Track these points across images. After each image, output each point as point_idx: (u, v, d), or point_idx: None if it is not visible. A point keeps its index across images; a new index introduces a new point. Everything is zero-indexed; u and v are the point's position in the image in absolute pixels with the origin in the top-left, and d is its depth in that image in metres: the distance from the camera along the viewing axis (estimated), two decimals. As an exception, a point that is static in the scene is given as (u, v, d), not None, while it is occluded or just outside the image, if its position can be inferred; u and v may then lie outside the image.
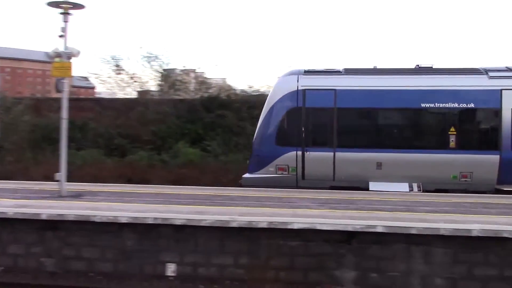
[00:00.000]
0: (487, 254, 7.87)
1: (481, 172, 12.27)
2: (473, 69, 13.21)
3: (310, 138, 12.74)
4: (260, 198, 10.50)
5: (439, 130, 12.60)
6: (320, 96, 12.76)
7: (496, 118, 12.42)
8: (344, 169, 12.52)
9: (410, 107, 12.67)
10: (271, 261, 8.24)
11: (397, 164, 12.46)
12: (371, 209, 9.24)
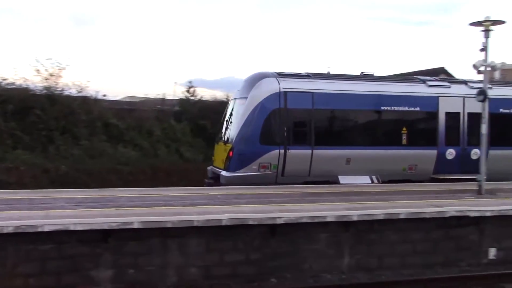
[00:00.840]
0: (235, 241, 9.09)
1: (422, 164, 14.90)
2: (415, 78, 16.16)
3: (291, 137, 13.76)
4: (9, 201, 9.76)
5: (394, 130, 14.74)
6: (300, 98, 13.93)
7: (434, 119, 15.13)
8: (319, 165, 13.82)
9: (372, 109, 14.77)
10: (18, 268, 7.84)
11: (362, 160, 14.31)
12: (130, 206, 9.59)
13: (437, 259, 10.26)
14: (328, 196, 11.86)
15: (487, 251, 10.57)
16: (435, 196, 12.17)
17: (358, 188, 13.44)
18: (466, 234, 10.46)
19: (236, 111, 14.57)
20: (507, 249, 10.68)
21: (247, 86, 14.58)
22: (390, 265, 9.98)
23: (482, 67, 12.38)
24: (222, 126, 15.50)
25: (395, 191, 13.01)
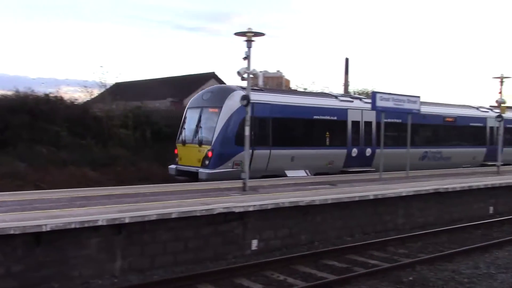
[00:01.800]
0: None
1: (337, 161, 20.60)
2: (330, 94, 23.47)
3: (257, 140, 17.63)
4: None
5: (321, 134, 19.81)
6: (262, 108, 18.03)
7: (345, 126, 20.88)
8: (274, 162, 18.34)
9: (308, 118, 19.83)
10: None
11: (301, 157, 19.22)
12: None
13: (207, 254, 11.33)
14: (100, 199, 11.97)
15: (250, 243, 12.09)
16: (205, 194, 13.36)
17: (132, 189, 13.98)
18: (232, 228, 11.80)
19: (208, 118, 18.17)
20: (267, 239, 12.41)
21: (218, 98, 18.26)
22: (162, 264, 10.65)
23: (245, 74, 14.02)
24: (185, 130, 19.01)
25: (168, 191, 13.84)
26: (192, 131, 18.56)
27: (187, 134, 18.81)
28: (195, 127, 18.42)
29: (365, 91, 37.75)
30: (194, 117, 18.79)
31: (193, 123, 18.69)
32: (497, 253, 12.57)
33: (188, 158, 18.13)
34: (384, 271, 10.65)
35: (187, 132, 18.87)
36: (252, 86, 16.96)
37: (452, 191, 16.87)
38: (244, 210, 11.83)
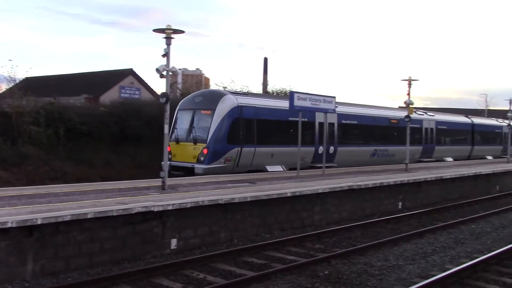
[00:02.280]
0: None
1: (307, 157, 22.69)
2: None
3: (244, 139, 19.61)
4: None
5: (295, 134, 19.88)
6: (248, 110, 19.91)
7: (313, 127, 23.09)
8: (257, 159, 20.21)
9: (285, 119, 21.59)
10: None
11: (279, 154, 21.30)
12: None
13: (124, 255, 11.08)
14: (9, 200, 11.38)
15: (170, 242, 11.98)
16: (122, 194, 13.06)
17: (44, 189, 13.44)
18: (150, 228, 11.62)
19: (202, 119, 19.98)
20: (186, 238, 12.35)
21: (211, 101, 19.95)
22: (78, 266, 10.28)
23: (164, 72, 13.85)
24: (177, 130, 20.58)
25: (82, 191, 13.39)
26: (185, 130, 20.34)
27: (180, 133, 20.51)
28: (189, 127, 20.21)
29: (283, 91, 38.45)
30: (186, 118, 20.61)
31: (185, 124, 20.50)
32: (405, 245, 13.32)
33: (183, 155, 19.77)
34: (301, 266, 10.95)
35: (180, 132, 20.58)
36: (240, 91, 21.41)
37: (365, 188, 17.66)
38: (163, 209, 11.69)
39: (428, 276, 10.28)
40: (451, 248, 13.27)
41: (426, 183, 21.07)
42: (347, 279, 10.24)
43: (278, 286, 9.74)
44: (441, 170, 25.01)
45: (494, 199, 23.44)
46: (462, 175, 23.67)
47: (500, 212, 19.16)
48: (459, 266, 10.83)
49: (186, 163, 19.34)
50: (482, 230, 15.73)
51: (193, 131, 19.91)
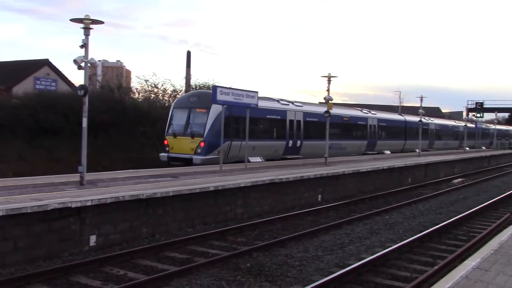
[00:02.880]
0: None
1: (280, 150, 26.49)
2: (273, 98, 27.72)
3: (233, 134, 22.75)
4: None
5: (270, 129, 25.66)
6: (236, 110, 22.18)
7: (284, 123, 26.90)
8: (243, 151, 22.13)
9: (263, 117, 25.16)
10: None
11: (258, 147, 24.32)
12: None
13: (40, 253, 10.62)
14: None
15: (89, 238, 11.61)
16: (37, 190, 12.49)
17: None
18: (68, 225, 11.21)
19: (198, 116, 22.94)
20: (106, 234, 12.03)
21: (206, 101, 22.10)
22: (-13, 266, 9.70)
23: (83, 63, 13.36)
24: (173, 125, 23.53)
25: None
26: (182, 126, 23.27)
27: (177, 129, 23.39)
28: (185, 123, 23.12)
29: (206, 85, 38.31)
30: (182, 116, 23.53)
31: (182, 120, 23.41)
32: (324, 237, 13.78)
33: (180, 147, 22.66)
34: (223, 260, 11.02)
35: (177, 127, 23.46)
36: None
37: (286, 181, 18.04)
38: (82, 205, 11.31)
39: (345, 265, 10.71)
40: (366, 238, 13.88)
41: (344, 176, 21.86)
42: (268, 271, 10.44)
43: (200, 280, 9.75)
44: (358, 163, 26.05)
45: (406, 191, 24.74)
46: (377, 168, 24.79)
47: (411, 203, 20.28)
48: (373, 255, 11.35)
49: (184, 155, 22.14)
50: (395, 220, 16.58)
51: (190, 126, 22.68)
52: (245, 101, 20.30)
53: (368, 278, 10.16)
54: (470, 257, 8.86)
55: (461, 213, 17.67)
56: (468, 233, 14.89)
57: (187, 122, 23.22)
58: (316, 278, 9.91)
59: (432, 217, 17.51)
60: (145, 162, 26.20)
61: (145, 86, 35.86)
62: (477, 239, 13.29)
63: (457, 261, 10.60)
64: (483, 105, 71.73)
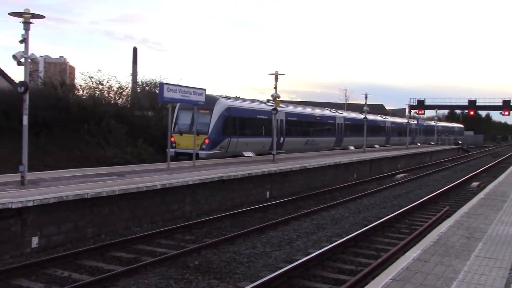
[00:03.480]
0: None
1: (267, 146, 29.14)
2: (262, 101, 32.02)
3: (232, 132, 26.66)
4: None
5: (259, 128, 29.27)
6: (235, 111, 27.04)
7: (270, 123, 27.43)
8: (239, 147, 27.21)
9: (253, 117, 28.99)
10: None
11: (251, 143, 28.45)
12: None
13: (-23, 257, 10.16)
14: None
15: (30, 240, 11.24)
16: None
17: None
18: (8, 226, 10.81)
19: (202, 117, 25.46)
20: (49, 235, 11.68)
21: (208, 103, 24.05)
22: None
23: (23, 59, 12.88)
24: (179, 125, 26.74)
25: None
26: (188, 125, 26.16)
27: (183, 127, 26.52)
28: (190, 123, 25.70)
29: (153, 82, 37.78)
30: (187, 116, 26.37)
31: (187, 120, 26.37)
32: (272, 233, 13.93)
33: (187, 144, 24.92)
34: (171, 258, 10.94)
35: (182, 126, 26.62)
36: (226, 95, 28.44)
37: (234, 178, 18.09)
38: (23, 205, 10.93)
39: (293, 261, 10.87)
40: (313, 233, 14.13)
41: (292, 173, 22.15)
42: (216, 268, 10.45)
43: (148, 279, 9.64)
44: (305, 160, 26.44)
45: (352, 186, 25.35)
46: (324, 164, 25.25)
47: (357, 198, 20.81)
48: (320, 250, 11.58)
49: (190, 150, 23.49)
50: (341, 215, 16.97)
51: (194, 125, 24.08)
52: (192, 99, 20.17)
53: (315, 272, 10.36)
54: (412, 249, 9.19)
55: (403, 207, 18.29)
56: (410, 226, 15.44)
57: (192, 122, 25.54)
58: (264, 274, 10.01)
59: (377, 211, 18.04)
60: (91, 161, 25.63)
61: (89, 83, 34.85)
62: (418, 232, 13.80)
63: (400, 253, 10.97)
64: (424, 103, 74.38)
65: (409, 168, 37.03)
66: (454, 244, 9.32)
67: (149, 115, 34.73)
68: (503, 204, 14.55)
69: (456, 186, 25.63)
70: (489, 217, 12.24)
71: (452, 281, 7.06)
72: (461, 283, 7.01)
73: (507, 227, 11.01)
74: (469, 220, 11.85)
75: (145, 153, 29.22)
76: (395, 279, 7.10)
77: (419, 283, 6.94)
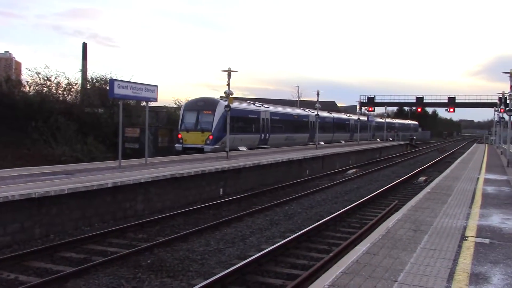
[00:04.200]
0: None
1: (255, 141, 34.80)
2: (252, 102, 38.39)
3: (231, 129, 27.79)
4: None
5: (250, 126, 34.22)
6: (232, 111, 27.36)
7: (259, 121, 35.34)
8: (235, 142, 31.46)
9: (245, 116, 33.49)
10: None
11: (244, 139, 33.01)
12: None
13: None
14: None
15: (-27, 242, 10.80)
16: None
17: None
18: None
19: (205, 116, 30.54)
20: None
21: (211, 105, 30.85)
22: None
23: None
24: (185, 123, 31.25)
25: None
26: (193, 124, 30.98)
27: (189, 126, 31.10)
28: (195, 121, 30.91)
29: (103, 78, 36.99)
30: (192, 116, 31.21)
31: (192, 119, 31.12)
32: (226, 230, 13.95)
33: (193, 140, 30.25)
34: (123, 258, 10.78)
35: (188, 125, 31.17)
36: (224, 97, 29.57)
37: (187, 176, 17.98)
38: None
39: (246, 257, 10.93)
40: (267, 229, 14.25)
41: (245, 169, 22.22)
42: (169, 266, 10.38)
43: (98, 279, 9.47)
44: (259, 157, 26.58)
45: (305, 182, 25.69)
46: (278, 161, 25.46)
47: (309, 194, 21.11)
48: (273, 245, 11.69)
49: (196, 145, 29.45)
50: (294, 211, 17.18)
51: (199, 124, 30.20)
52: (144, 95, 19.88)
53: (269, 268, 10.45)
54: (361, 242, 9.41)
55: (354, 202, 18.69)
56: (361, 220, 15.81)
57: (196, 121, 30.96)
58: (218, 271, 10.02)
59: (329, 206, 18.36)
60: (38, 160, 24.88)
61: (36, 79, 33.76)
62: (368, 226, 14.15)
63: (351, 247, 11.21)
64: (374, 100, 76.14)
65: (360, 164, 37.86)
66: (401, 237, 9.61)
67: (99, 112, 34.02)
68: (448, 197, 15.10)
69: (404, 181, 26.42)
70: (434, 210, 12.68)
71: (399, 273, 7.29)
72: (408, 274, 7.25)
73: (451, 220, 11.45)
74: (416, 213, 12.24)
75: (96, 150, 28.65)
76: (345, 272, 7.26)
77: (368, 275, 7.13)
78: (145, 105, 22.26)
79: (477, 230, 10.49)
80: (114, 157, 23.44)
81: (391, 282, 6.86)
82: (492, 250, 8.77)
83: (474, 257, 8.29)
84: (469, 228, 10.65)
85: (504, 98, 36.74)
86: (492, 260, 8.12)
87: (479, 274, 7.35)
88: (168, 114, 42.81)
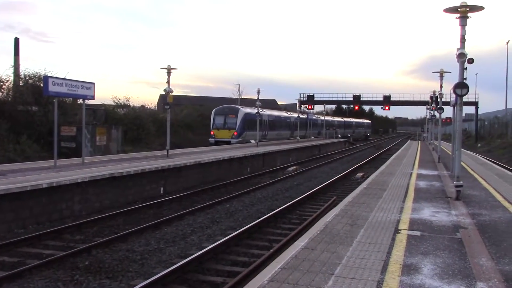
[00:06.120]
0: None
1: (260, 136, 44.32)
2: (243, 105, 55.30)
3: (247, 128, 44.88)
4: None
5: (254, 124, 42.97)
6: (248, 115, 44.83)
7: (261, 122, 45.50)
8: (249, 137, 45.14)
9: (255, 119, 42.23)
10: None
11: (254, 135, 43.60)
12: None
13: None
14: None
15: None
16: None
17: None
18: None
19: (231, 119, 44.28)
20: None
21: (235, 111, 45.02)
22: None
23: None
24: (216, 124, 44.54)
25: None
26: (222, 124, 43.87)
27: (219, 125, 43.96)
28: (223, 122, 43.93)
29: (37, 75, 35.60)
30: (221, 118, 44.23)
31: (221, 120, 44.11)
32: (166, 229, 13.83)
33: (222, 135, 43.27)
34: (59, 260, 10.48)
35: (218, 125, 44.00)
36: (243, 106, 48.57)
37: (127, 174, 17.68)
38: None
39: (187, 256, 10.90)
40: (208, 227, 14.25)
41: (186, 168, 22.10)
42: (108, 267, 10.20)
43: (33, 283, 9.17)
44: (200, 155, 26.49)
45: (246, 180, 25.85)
46: (219, 159, 25.48)
47: (250, 192, 21.28)
48: (214, 243, 11.72)
49: (225, 139, 42.56)
50: (235, 208, 17.27)
51: (226, 124, 43.56)
52: (80, 93, 19.34)
53: (210, 266, 10.47)
54: (300, 238, 9.61)
55: (294, 198, 19.01)
56: (300, 216, 16.11)
57: (224, 122, 44.04)
58: (158, 270, 9.94)
59: (269, 203, 18.59)
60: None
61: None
62: (308, 222, 14.47)
63: (291, 243, 11.41)
64: (313, 98, 77.60)
65: (300, 161, 38.52)
66: (339, 232, 9.90)
67: (33, 110, 32.71)
68: (383, 192, 15.66)
69: (342, 177, 27.14)
70: (370, 205, 13.13)
71: (336, 267, 7.51)
72: (344, 267, 7.49)
73: (385, 214, 11.90)
74: (352, 208, 12.62)
75: (30, 150, 27.55)
76: (284, 267, 7.41)
77: (306, 270, 7.30)
78: (81, 103, 21.59)
79: (410, 223, 10.96)
80: (50, 157, 22.66)
81: (328, 276, 7.07)
82: (423, 242, 9.20)
83: (406, 249, 8.67)
84: (402, 221, 11.11)
85: (435, 96, 38.43)
86: (423, 252, 8.52)
87: (411, 265, 7.70)
88: (106, 112, 41.76)
